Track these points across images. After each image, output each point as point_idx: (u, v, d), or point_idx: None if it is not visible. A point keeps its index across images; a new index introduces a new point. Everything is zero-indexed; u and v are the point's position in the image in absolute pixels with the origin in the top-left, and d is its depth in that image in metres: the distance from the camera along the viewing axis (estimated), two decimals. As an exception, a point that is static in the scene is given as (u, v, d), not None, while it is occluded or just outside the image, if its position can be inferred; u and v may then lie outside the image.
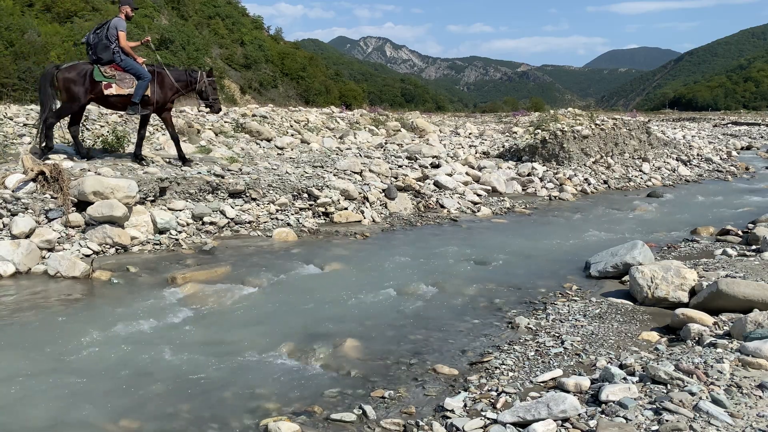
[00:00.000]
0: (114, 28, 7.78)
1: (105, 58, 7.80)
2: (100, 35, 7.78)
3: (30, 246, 5.83)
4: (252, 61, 51.79)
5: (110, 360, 3.86)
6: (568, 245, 7.41)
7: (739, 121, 44.77)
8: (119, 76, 7.87)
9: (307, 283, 5.63)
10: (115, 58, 7.84)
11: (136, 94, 7.90)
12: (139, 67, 7.96)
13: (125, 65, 7.89)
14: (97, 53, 7.79)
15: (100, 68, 7.79)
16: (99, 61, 7.81)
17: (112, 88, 7.83)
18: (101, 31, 7.81)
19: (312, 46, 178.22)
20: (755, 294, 4.22)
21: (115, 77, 7.85)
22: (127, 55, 7.90)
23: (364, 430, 3.07)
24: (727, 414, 2.65)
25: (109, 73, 7.83)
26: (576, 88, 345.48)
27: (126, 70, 7.91)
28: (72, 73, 7.71)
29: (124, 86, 7.87)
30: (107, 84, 7.81)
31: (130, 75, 7.93)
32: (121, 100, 7.96)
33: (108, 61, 7.84)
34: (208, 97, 8.50)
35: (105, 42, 7.74)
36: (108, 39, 7.75)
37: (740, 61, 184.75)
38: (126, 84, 7.88)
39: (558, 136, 13.60)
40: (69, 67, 7.83)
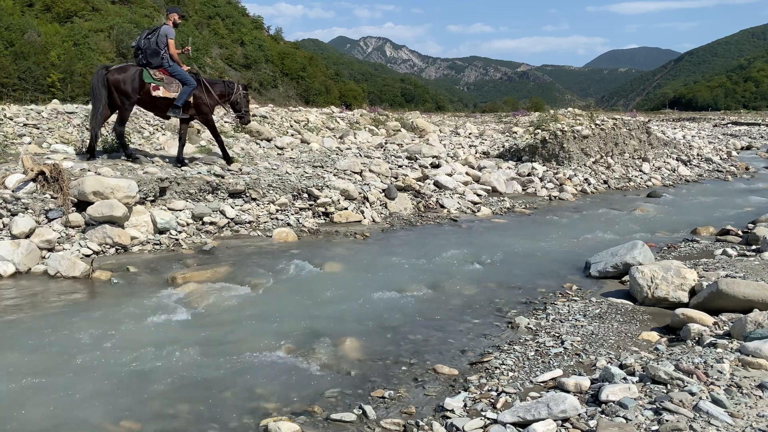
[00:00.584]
0: (164, 35, 8.23)
1: (154, 63, 8.25)
2: (151, 41, 8.21)
3: (30, 246, 5.83)
4: (252, 61, 51.81)
5: (110, 360, 3.86)
6: (568, 245, 7.41)
7: (739, 121, 44.77)
8: (167, 80, 8.32)
9: (307, 283, 5.63)
10: (164, 63, 8.28)
11: (180, 97, 8.35)
12: (185, 74, 8.43)
13: (172, 71, 8.34)
14: (147, 58, 8.23)
15: (149, 71, 8.21)
16: (148, 65, 8.24)
17: (159, 90, 8.26)
18: (152, 37, 8.23)
19: (312, 46, 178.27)
20: (755, 294, 4.22)
21: (163, 80, 8.29)
22: (174, 62, 8.35)
23: (364, 430, 3.07)
24: (727, 414, 2.65)
25: (158, 76, 8.26)
26: (576, 88, 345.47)
27: (173, 75, 8.36)
28: (122, 74, 8.11)
29: (170, 90, 8.33)
30: (155, 86, 8.22)
31: (176, 80, 8.38)
32: (165, 102, 8.38)
33: (156, 66, 8.27)
34: (241, 108, 9.06)
35: (155, 48, 8.17)
36: (158, 45, 8.18)
37: (740, 61, 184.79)
38: (172, 88, 8.34)
39: (558, 136, 13.60)
40: (119, 69, 8.22)
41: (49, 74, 25.38)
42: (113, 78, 8.05)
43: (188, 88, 8.38)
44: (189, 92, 8.39)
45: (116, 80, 8.04)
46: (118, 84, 8.04)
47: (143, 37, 8.34)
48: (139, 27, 37.98)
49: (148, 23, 40.24)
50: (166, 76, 8.32)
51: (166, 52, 8.24)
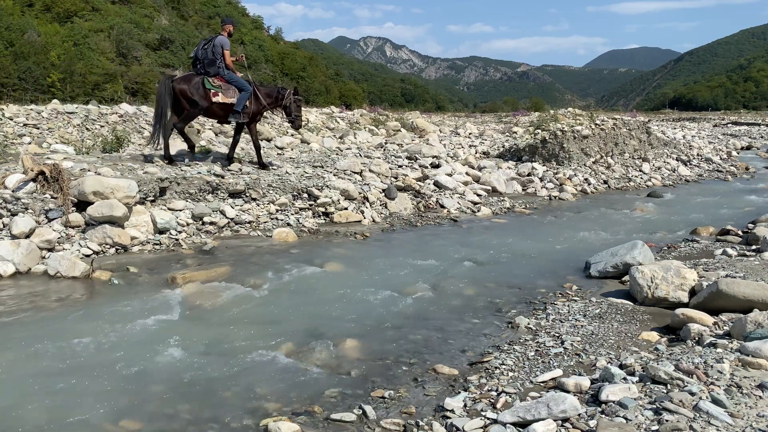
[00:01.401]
0: (219, 45, 8.69)
1: (212, 72, 8.72)
2: (207, 51, 8.70)
3: (30, 246, 5.82)
4: (252, 61, 51.69)
5: (110, 360, 3.86)
6: (568, 245, 7.41)
7: (739, 121, 44.77)
8: (224, 86, 8.78)
9: (307, 283, 5.63)
10: (220, 72, 8.75)
11: (238, 103, 8.80)
12: (241, 80, 8.89)
13: (229, 78, 8.82)
14: (204, 67, 8.72)
15: (208, 79, 8.70)
16: (207, 74, 8.72)
17: (218, 96, 8.71)
18: (208, 48, 8.72)
19: (312, 46, 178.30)
20: (755, 294, 4.22)
21: (222, 87, 8.75)
22: (229, 70, 8.82)
23: (364, 430, 3.07)
24: (727, 414, 2.65)
25: (216, 83, 8.73)
26: (576, 88, 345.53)
27: (229, 82, 8.82)
28: (188, 83, 8.62)
29: (228, 96, 8.78)
30: (215, 92, 8.70)
31: (233, 87, 8.83)
32: (223, 108, 8.85)
33: (214, 74, 8.75)
34: (292, 113, 9.35)
35: (211, 57, 8.66)
36: (214, 55, 8.67)
37: (740, 61, 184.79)
38: (230, 94, 8.79)
39: (558, 136, 13.60)
40: (183, 78, 8.76)
41: (49, 74, 25.36)
42: (179, 87, 8.55)
43: (245, 94, 8.83)
44: (246, 98, 8.85)
45: (182, 89, 8.54)
46: (184, 92, 8.54)
47: (200, 47, 8.83)
48: (139, 27, 38.00)
49: (148, 23, 40.24)
50: (224, 83, 8.77)
51: (221, 61, 8.69)
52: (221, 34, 8.89)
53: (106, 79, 29.51)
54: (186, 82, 8.62)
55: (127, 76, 32.10)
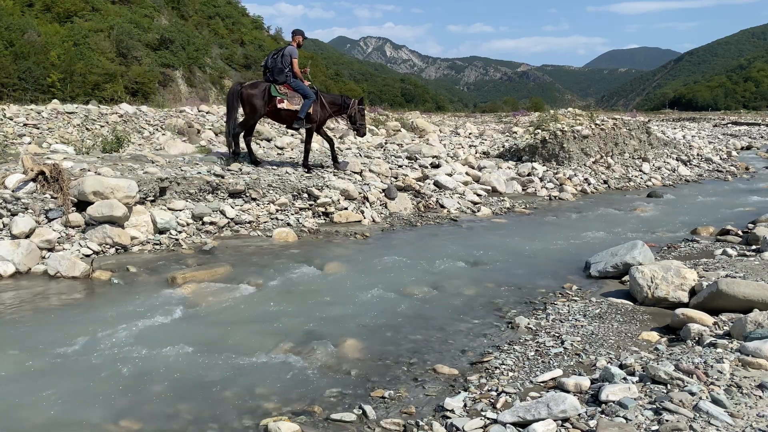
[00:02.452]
0: (288, 55, 9.21)
1: (280, 80, 9.25)
2: (277, 60, 9.24)
3: (30, 246, 5.82)
4: (252, 61, 51.73)
5: (110, 360, 3.86)
6: (568, 245, 7.41)
7: (739, 121, 44.78)
8: (290, 94, 9.28)
9: (307, 283, 5.63)
10: (288, 80, 9.25)
11: (302, 110, 9.26)
12: (306, 89, 9.33)
13: (295, 86, 9.30)
14: (273, 75, 9.26)
15: (276, 86, 9.21)
16: (275, 82, 9.26)
17: (284, 103, 9.22)
18: (277, 57, 9.27)
19: (312, 46, 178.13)
20: (755, 294, 4.22)
21: (287, 95, 9.25)
22: (297, 78, 9.29)
23: (364, 430, 3.07)
24: (727, 414, 2.65)
25: (283, 90, 9.24)
26: (576, 88, 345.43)
27: (295, 90, 9.30)
28: (254, 90, 9.20)
29: (293, 103, 9.26)
30: (280, 99, 9.21)
31: (298, 94, 9.29)
32: (289, 114, 9.35)
33: (282, 82, 9.26)
34: (356, 121, 9.85)
35: (280, 66, 9.18)
36: (283, 64, 9.19)
37: (740, 61, 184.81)
38: (295, 101, 9.27)
39: (558, 136, 13.60)
40: (251, 85, 9.36)
41: (49, 74, 25.35)
42: (247, 92, 9.18)
43: (308, 101, 9.27)
44: (309, 105, 9.28)
45: (250, 94, 9.15)
46: (251, 98, 9.15)
47: (270, 56, 9.43)
48: (139, 27, 37.99)
49: (148, 23, 40.23)
50: (290, 91, 9.26)
51: (290, 69, 9.19)
52: (291, 44, 9.43)
53: (106, 79, 29.50)
54: (253, 88, 9.23)
55: (127, 76, 32.09)
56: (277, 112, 9.37)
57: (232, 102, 9.28)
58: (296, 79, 9.28)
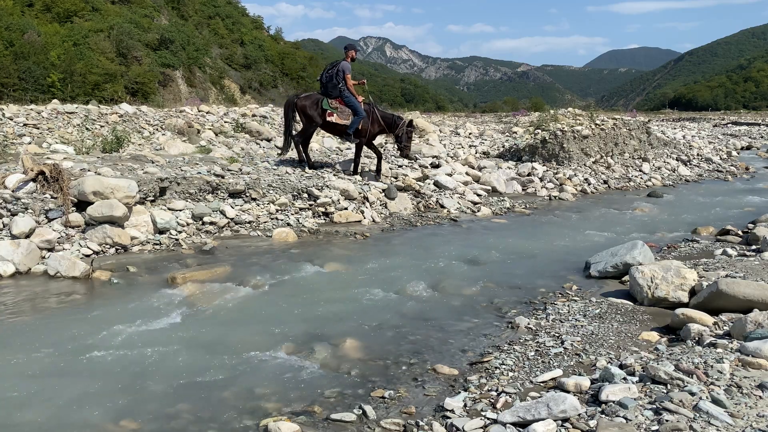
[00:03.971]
0: (342, 70, 9.39)
1: (333, 94, 9.45)
2: (332, 74, 9.41)
3: (30, 246, 5.82)
4: (252, 61, 51.78)
5: (110, 360, 3.86)
6: (568, 245, 7.41)
7: (739, 121, 44.79)
8: (341, 108, 9.48)
9: (307, 283, 5.63)
10: (342, 94, 9.43)
11: (351, 126, 9.50)
12: (358, 105, 9.51)
13: (348, 101, 9.46)
14: (327, 89, 9.46)
15: (328, 100, 9.45)
16: (329, 95, 9.47)
17: (333, 117, 9.47)
18: (332, 71, 9.43)
19: (312, 46, 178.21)
20: (755, 294, 4.22)
21: (338, 109, 9.47)
22: (351, 94, 9.47)
23: (364, 430, 3.07)
24: (727, 414, 2.65)
25: (334, 105, 9.46)
26: (576, 88, 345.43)
27: (347, 105, 9.47)
28: (308, 101, 9.53)
29: (342, 117, 9.48)
30: (330, 113, 9.46)
31: (349, 109, 9.48)
32: (339, 127, 9.61)
33: (335, 96, 9.46)
34: (402, 142, 9.94)
35: (334, 81, 9.38)
36: (336, 79, 9.37)
37: (740, 61, 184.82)
38: (344, 116, 9.49)
39: (558, 136, 13.60)
40: (305, 96, 9.70)
41: (49, 74, 25.34)
42: (301, 104, 9.52)
43: (358, 118, 9.47)
44: (358, 122, 9.48)
45: (303, 105, 9.50)
46: (304, 108, 9.49)
47: (326, 71, 9.59)
48: (139, 27, 37.99)
49: (148, 23, 40.22)
50: (341, 106, 9.47)
51: (343, 84, 9.37)
52: (345, 59, 9.61)
53: (106, 79, 29.51)
54: (307, 99, 9.57)
55: (127, 76, 32.10)
56: (328, 125, 9.63)
57: (288, 112, 9.66)
58: (350, 94, 9.45)
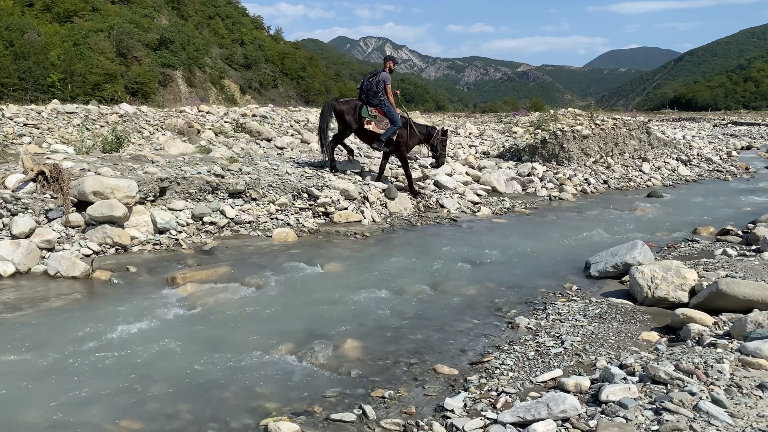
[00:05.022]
0: (382, 81, 9.56)
1: (373, 102, 9.60)
2: (372, 83, 9.59)
3: (30, 246, 5.82)
4: (252, 61, 51.78)
5: (110, 360, 3.86)
6: (568, 245, 7.40)
7: (739, 121, 44.81)
8: (379, 117, 9.63)
9: (307, 283, 5.62)
10: (381, 103, 9.60)
11: (385, 134, 9.60)
12: (395, 115, 9.63)
13: (386, 110, 9.61)
14: (368, 97, 9.62)
15: (368, 108, 9.60)
16: (368, 104, 9.62)
17: (370, 125, 9.61)
18: (373, 80, 9.61)
19: (312, 46, 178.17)
20: (755, 294, 4.22)
21: (376, 118, 9.62)
22: (390, 103, 9.61)
23: (364, 430, 3.07)
24: (727, 414, 2.65)
25: (373, 113, 9.62)
26: (576, 88, 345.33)
27: (386, 115, 9.61)
28: (346, 106, 9.70)
29: (379, 126, 9.61)
30: (368, 121, 9.61)
31: (387, 119, 9.61)
32: (373, 136, 9.71)
33: (375, 105, 9.62)
34: (437, 151, 10.01)
35: (375, 90, 9.54)
36: (377, 88, 9.54)
37: (740, 61, 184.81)
38: (381, 125, 9.62)
39: (558, 136, 13.60)
40: (344, 101, 9.87)
41: (49, 74, 25.33)
42: (339, 108, 9.71)
43: (394, 127, 9.58)
44: (393, 131, 9.59)
45: (341, 110, 9.67)
46: (342, 113, 9.67)
47: (366, 79, 9.77)
48: (139, 27, 37.98)
49: (148, 23, 40.22)
50: (380, 115, 9.61)
51: (383, 94, 9.53)
52: (384, 70, 9.75)
53: (106, 79, 29.51)
54: (346, 104, 9.73)
55: (127, 76, 32.09)
56: (363, 132, 9.74)
57: (326, 115, 9.78)
58: (389, 104, 9.59)
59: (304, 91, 55.01)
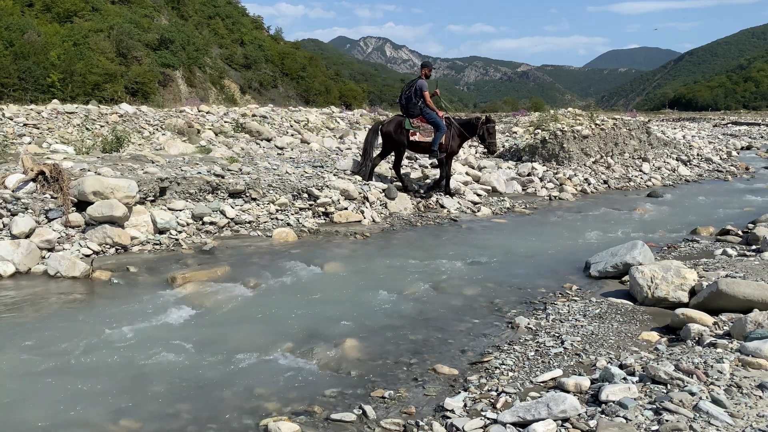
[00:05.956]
0: (420, 88, 9.58)
1: (414, 112, 9.64)
2: (409, 95, 9.66)
3: (30, 246, 5.82)
4: (252, 61, 51.79)
5: (110, 360, 3.86)
6: (568, 245, 7.40)
7: (739, 121, 44.83)
8: (423, 127, 9.64)
9: (307, 283, 5.63)
10: (422, 112, 9.60)
11: (434, 142, 9.59)
12: (438, 121, 9.59)
13: (428, 117, 9.62)
14: (408, 109, 9.66)
15: (409, 120, 9.62)
16: (410, 115, 9.65)
17: (416, 135, 9.64)
18: (409, 92, 9.66)
19: (312, 46, 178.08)
20: (755, 294, 4.22)
21: (420, 128, 9.64)
22: (430, 109, 9.58)
23: (364, 430, 3.07)
24: (727, 414, 2.65)
25: (416, 124, 9.64)
26: (576, 88, 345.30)
27: (429, 121, 9.62)
28: (392, 126, 9.78)
29: (424, 135, 9.62)
30: (413, 132, 9.64)
31: (430, 126, 9.61)
32: (423, 145, 9.75)
33: (416, 115, 9.63)
34: (485, 140, 9.87)
35: (414, 100, 9.59)
36: (415, 97, 9.57)
37: (740, 61, 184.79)
38: (426, 133, 9.63)
39: (558, 136, 13.60)
40: (389, 122, 10.00)
41: (49, 74, 25.33)
42: (386, 130, 9.80)
43: (440, 133, 9.55)
44: (440, 137, 9.56)
45: (388, 131, 9.74)
46: (390, 134, 9.72)
47: (404, 92, 9.84)
48: (139, 27, 37.97)
49: (148, 23, 40.21)
50: (423, 124, 9.62)
51: (423, 101, 9.54)
52: (421, 77, 9.73)
53: (106, 79, 29.51)
54: (391, 125, 9.83)
55: (127, 76, 32.10)
56: (411, 144, 9.74)
57: (370, 139, 9.87)
58: (430, 110, 9.56)
59: (304, 91, 55.02)
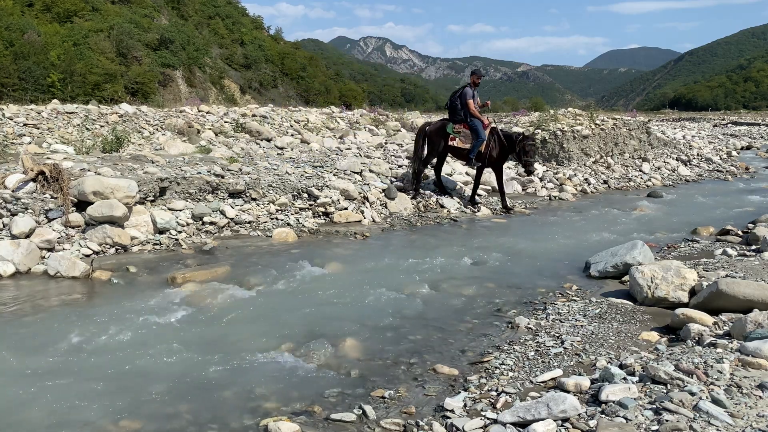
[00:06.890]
0: (464, 96, 9.60)
1: (457, 118, 9.68)
2: (453, 100, 9.73)
3: (30, 246, 5.82)
4: (252, 61, 51.81)
5: (110, 360, 3.86)
6: (568, 245, 7.40)
7: (739, 121, 44.84)
8: (464, 133, 9.67)
9: (307, 283, 5.62)
10: (466, 119, 9.61)
11: (471, 150, 9.59)
12: (480, 130, 9.53)
13: (471, 125, 9.59)
14: (452, 114, 9.74)
15: (452, 125, 9.71)
16: (454, 120, 9.72)
17: (455, 141, 9.72)
18: (455, 99, 9.71)
19: (312, 46, 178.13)
20: (755, 294, 4.22)
21: (461, 134, 9.68)
22: (474, 117, 9.56)
23: (364, 430, 3.07)
24: (727, 414, 2.65)
25: (457, 129, 9.68)
26: (576, 88, 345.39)
27: (471, 129, 9.60)
28: (434, 128, 9.87)
29: (464, 141, 9.66)
30: (452, 137, 9.71)
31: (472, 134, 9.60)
32: (462, 151, 9.78)
33: (459, 121, 9.67)
34: (522, 158, 9.70)
35: (458, 107, 9.63)
36: (460, 104, 9.62)
37: (740, 61, 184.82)
38: (466, 140, 9.66)
39: (558, 136, 13.60)
40: (433, 124, 10.06)
41: (49, 74, 25.33)
42: (429, 131, 9.89)
43: (478, 142, 9.55)
44: (478, 146, 9.55)
45: (430, 132, 9.84)
46: (431, 135, 9.82)
47: (451, 98, 9.89)
48: (139, 27, 37.97)
49: (148, 23, 40.21)
50: (464, 130, 9.63)
51: (466, 109, 9.54)
52: (468, 84, 9.74)
53: (106, 79, 29.51)
54: (434, 126, 9.90)
55: (127, 76, 32.11)
56: (450, 149, 9.79)
57: (419, 140, 9.88)
58: (473, 118, 9.53)
59: (304, 91, 55.03)
